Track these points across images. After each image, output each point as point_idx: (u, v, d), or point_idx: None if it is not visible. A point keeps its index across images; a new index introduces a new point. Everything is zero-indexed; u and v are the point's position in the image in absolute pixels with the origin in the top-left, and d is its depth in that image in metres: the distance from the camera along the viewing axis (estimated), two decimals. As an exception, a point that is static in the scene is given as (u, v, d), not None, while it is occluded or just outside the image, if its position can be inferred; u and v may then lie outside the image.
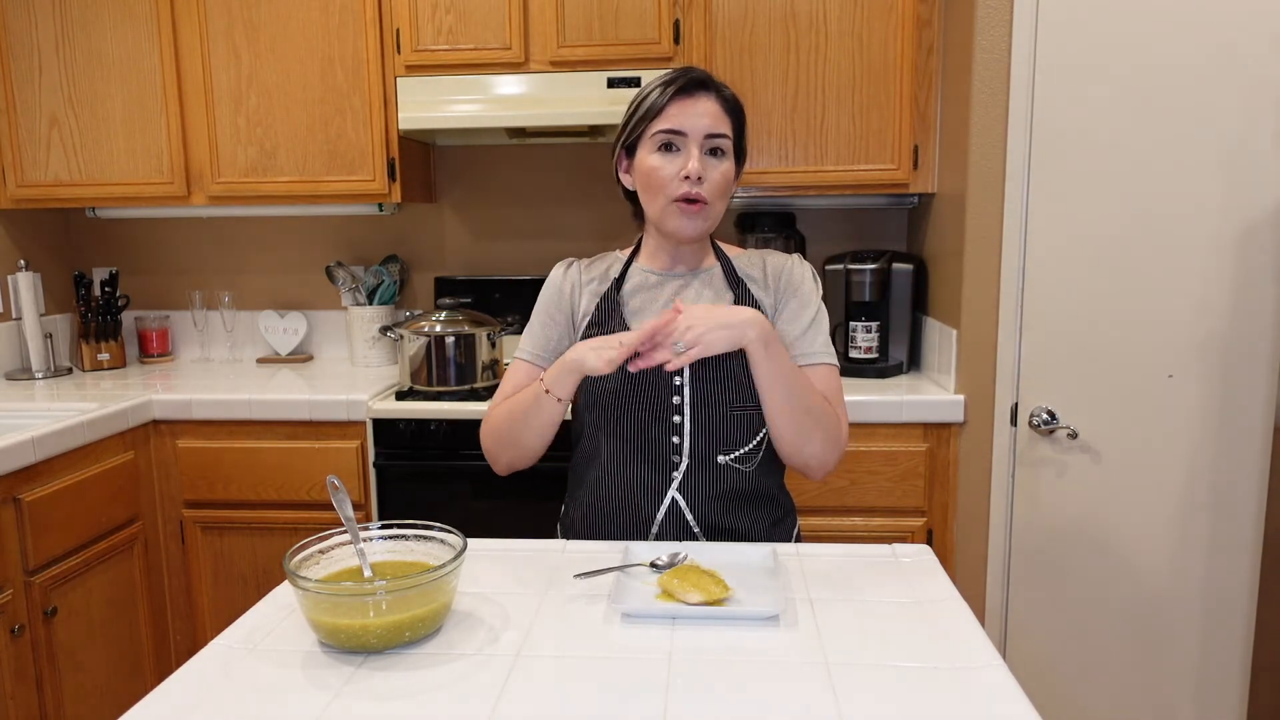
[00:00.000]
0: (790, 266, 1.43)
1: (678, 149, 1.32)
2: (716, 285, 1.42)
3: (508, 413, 1.37)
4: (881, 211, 2.70)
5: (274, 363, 2.86)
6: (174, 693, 0.92)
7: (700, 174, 1.31)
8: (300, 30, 2.42)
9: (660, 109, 1.32)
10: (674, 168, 1.32)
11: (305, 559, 1.07)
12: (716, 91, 1.35)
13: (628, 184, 1.41)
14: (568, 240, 2.81)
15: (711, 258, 1.45)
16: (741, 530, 1.37)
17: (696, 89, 1.32)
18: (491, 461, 1.42)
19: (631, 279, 1.43)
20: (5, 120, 2.52)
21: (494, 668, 0.96)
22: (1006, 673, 0.93)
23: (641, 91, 1.36)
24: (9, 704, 1.88)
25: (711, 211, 1.34)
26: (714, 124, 1.32)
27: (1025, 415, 2.10)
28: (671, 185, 1.32)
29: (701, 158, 1.31)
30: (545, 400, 1.30)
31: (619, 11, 2.32)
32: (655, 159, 1.33)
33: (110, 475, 2.16)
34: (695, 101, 1.32)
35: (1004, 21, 2.01)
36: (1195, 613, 2.12)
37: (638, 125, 1.34)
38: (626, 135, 1.37)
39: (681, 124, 1.31)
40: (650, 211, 1.37)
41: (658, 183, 1.33)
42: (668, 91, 1.32)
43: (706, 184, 1.32)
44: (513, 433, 1.36)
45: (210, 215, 2.87)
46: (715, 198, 1.33)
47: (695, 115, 1.31)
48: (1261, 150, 1.96)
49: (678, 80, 1.33)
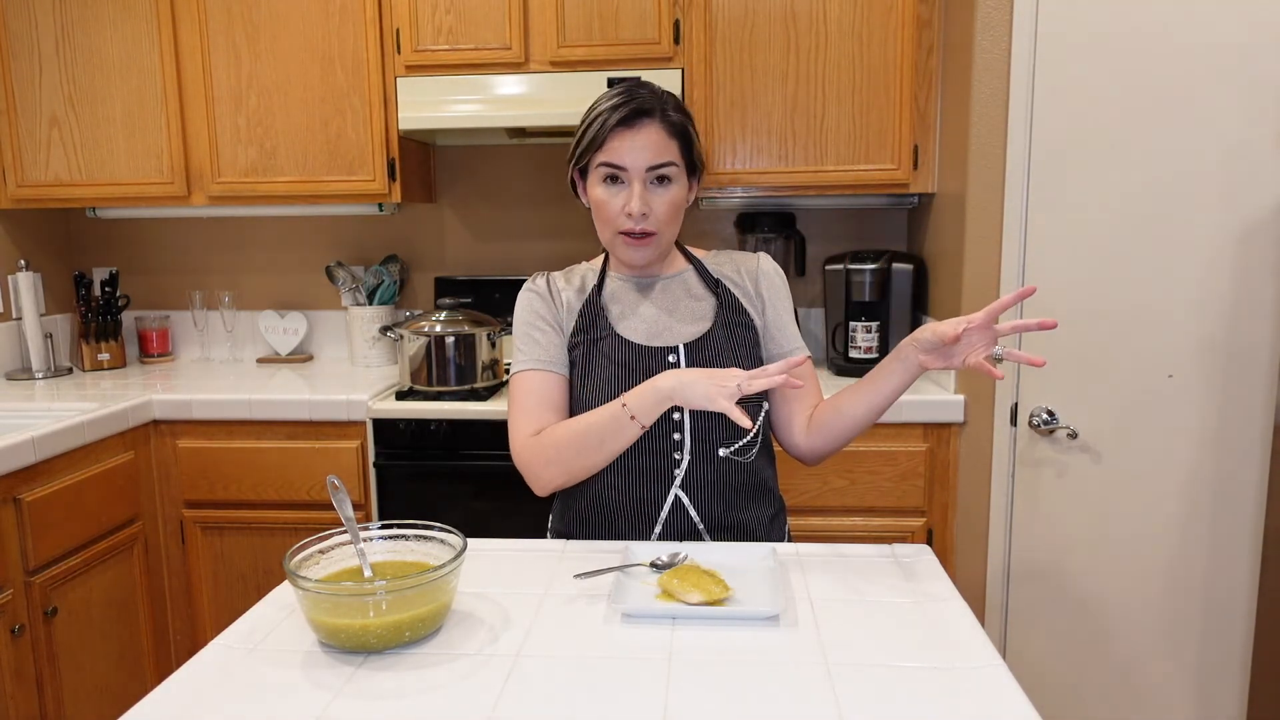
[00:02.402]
0: (760, 265, 1.46)
1: (623, 181, 1.32)
2: (693, 287, 1.43)
3: (576, 436, 1.29)
4: (881, 211, 2.70)
5: (274, 363, 2.86)
6: (174, 693, 0.92)
7: (644, 210, 1.31)
8: (300, 30, 2.42)
9: (602, 141, 1.31)
10: (619, 202, 1.32)
11: (305, 559, 1.07)
12: (661, 114, 1.31)
13: (585, 202, 1.41)
14: (568, 240, 2.81)
15: (681, 261, 1.47)
16: (744, 524, 1.38)
17: (638, 118, 1.29)
18: (533, 480, 1.34)
19: (609, 286, 1.44)
20: (5, 120, 2.52)
21: (494, 668, 0.96)
22: (1006, 673, 0.93)
23: (589, 113, 1.34)
24: (9, 704, 1.88)
25: (661, 239, 1.35)
26: (655, 155, 1.30)
27: (1025, 415, 2.10)
28: (618, 219, 1.33)
29: (644, 192, 1.31)
30: (629, 426, 1.26)
31: (619, 11, 2.32)
32: (600, 191, 1.33)
33: (110, 475, 2.16)
34: (636, 133, 1.30)
35: (1004, 21, 2.01)
36: (1195, 613, 2.12)
37: (585, 153, 1.34)
38: (576, 158, 1.37)
39: (621, 159, 1.30)
40: (602, 239, 1.38)
41: (605, 216, 1.34)
42: (609, 122, 1.30)
43: (652, 216, 1.32)
44: (582, 456, 1.30)
45: (210, 215, 2.87)
46: (664, 225, 1.34)
47: (636, 150, 1.29)
48: (1261, 150, 1.96)
49: (620, 109, 1.30)
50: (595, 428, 1.28)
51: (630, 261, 1.37)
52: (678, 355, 1.36)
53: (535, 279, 1.46)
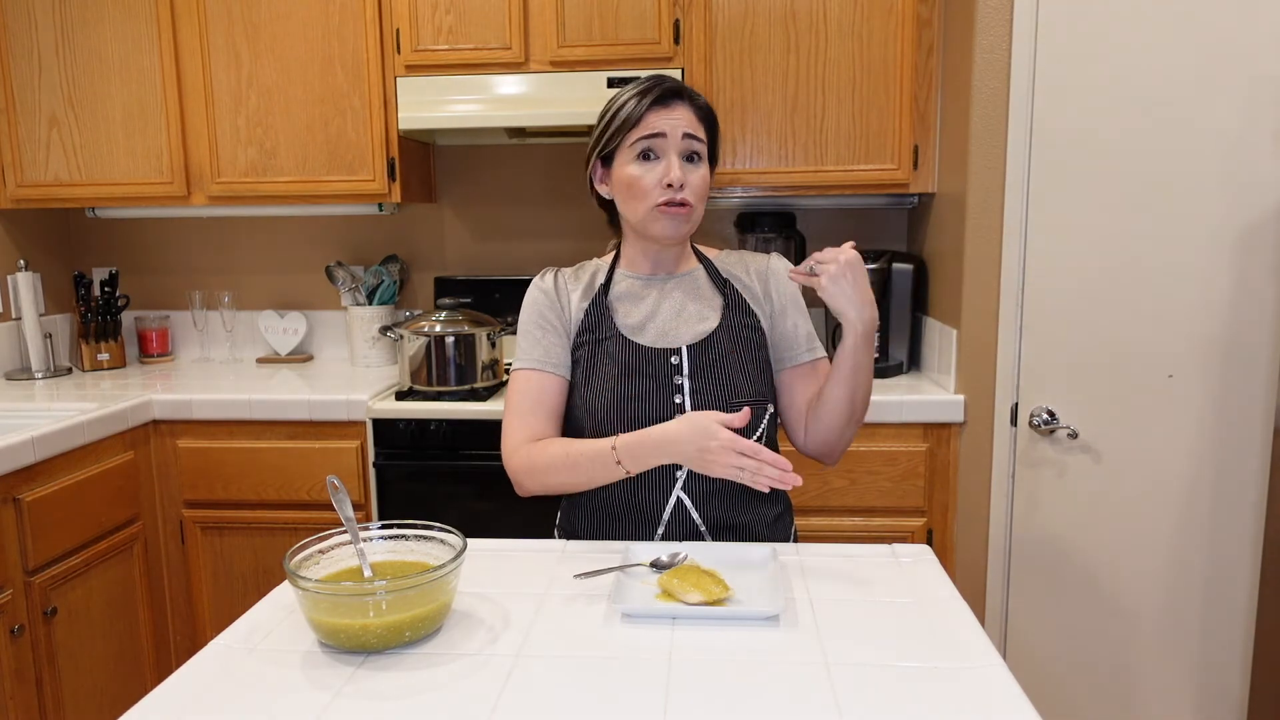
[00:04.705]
0: (770, 264, 1.46)
1: (656, 157, 1.34)
2: (702, 286, 1.44)
3: (560, 462, 1.32)
4: (881, 211, 2.70)
5: (274, 363, 2.86)
6: (174, 693, 0.92)
7: (682, 180, 1.33)
8: (300, 30, 2.42)
9: (639, 118, 1.34)
10: (654, 175, 1.34)
11: (305, 559, 1.07)
12: (690, 99, 1.37)
13: (604, 193, 1.43)
14: (568, 240, 2.81)
15: (693, 260, 1.47)
16: (746, 526, 1.38)
17: (672, 98, 1.35)
18: (515, 484, 1.39)
19: (617, 285, 1.44)
20: (5, 120, 2.52)
21: (494, 668, 0.96)
22: (1006, 673, 0.93)
23: (615, 101, 1.37)
24: (9, 704, 1.88)
25: (694, 214, 1.37)
26: (690, 126, 1.35)
27: (1025, 415, 2.10)
28: (654, 192, 1.34)
29: (681, 164, 1.34)
30: (615, 471, 1.28)
31: (619, 11, 2.32)
32: (635, 168, 1.35)
33: (110, 475, 2.16)
34: (671, 110, 1.34)
35: (1004, 21, 2.01)
36: (1195, 613, 2.12)
37: (615, 135, 1.36)
38: (602, 146, 1.39)
39: (660, 128, 1.33)
40: (633, 218, 1.39)
41: (640, 191, 1.35)
42: (644, 101, 1.34)
43: (688, 188, 1.35)
44: (563, 482, 1.33)
45: (210, 215, 2.87)
46: (697, 201, 1.36)
47: (673, 121, 1.34)
48: (1261, 150, 1.96)
49: (653, 90, 1.35)
50: (581, 460, 1.30)
51: (665, 234, 1.37)
52: (680, 357, 1.36)
53: (544, 275, 1.47)
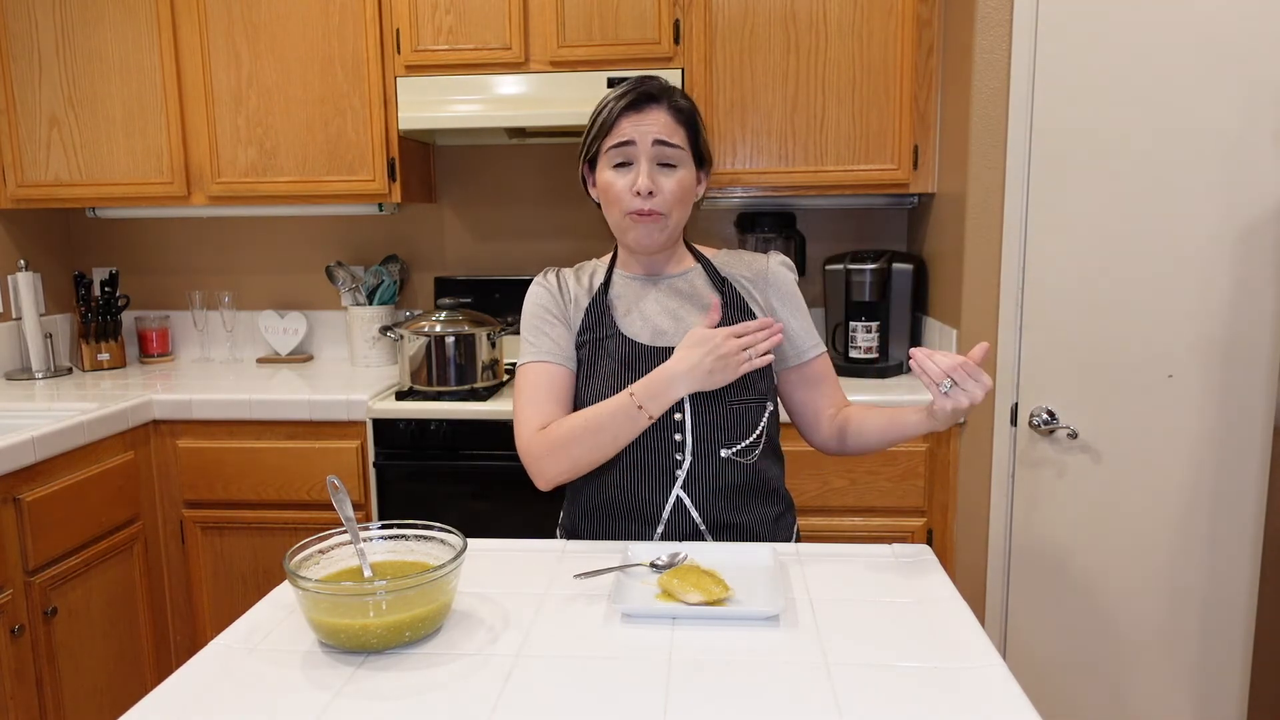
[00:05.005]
0: (769, 264, 1.46)
1: (631, 163, 1.35)
2: (700, 285, 1.44)
3: (581, 429, 1.31)
4: (881, 211, 2.70)
5: (274, 363, 2.86)
6: (174, 693, 0.92)
7: (650, 188, 1.33)
8: (300, 30, 2.42)
9: (610, 126, 1.34)
10: (626, 182, 1.35)
11: (305, 559, 1.07)
12: (668, 101, 1.36)
13: (594, 196, 1.43)
14: (568, 240, 2.81)
15: (690, 259, 1.47)
16: (746, 526, 1.38)
17: (646, 102, 1.34)
18: (537, 474, 1.34)
19: (615, 284, 1.45)
20: (5, 120, 2.52)
21: (494, 668, 0.96)
22: (1006, 673, 0.93)
23: (598, 105, 1.38)
24: (9, 704, 1.88)
25: (669, 221, 1.37)
26: (661, 131, 1.33)
27: (1025, 415, 2.10)
28: (625, 200, 1.35)
29: (652, 172, 1.33)
30: (638, 419, 1.29)
31: (619, 11, 2.32)
32: (610, 175, 1.36)
33: (110, 475, 2.16)
34: (643, 115, 1.34)
35: (1004, 21, 2.01)
36: (1195, 613, 2.12)
37: (594, 141, 1.37)
38: (586, 150, 1.40)
39: (629, 134, 1.33)
40: (611, 224, 1.40)
41: (613, 197, 1.36)
42: (618, 106, 1.34)
43: (660, 196, 1.34)
44: (588, 449, 1.31)
45: (210, 215, 2.87)
46: (671, 208, 1.36)
47: (643, 128, 1.33)
48: (1261, 150, 1.96)
49: (628, 95, 1.35)
50: (604, 419, 1.30)
51: (639, 243, 1.37)
52: None
53: (546, 274, 1.47)
